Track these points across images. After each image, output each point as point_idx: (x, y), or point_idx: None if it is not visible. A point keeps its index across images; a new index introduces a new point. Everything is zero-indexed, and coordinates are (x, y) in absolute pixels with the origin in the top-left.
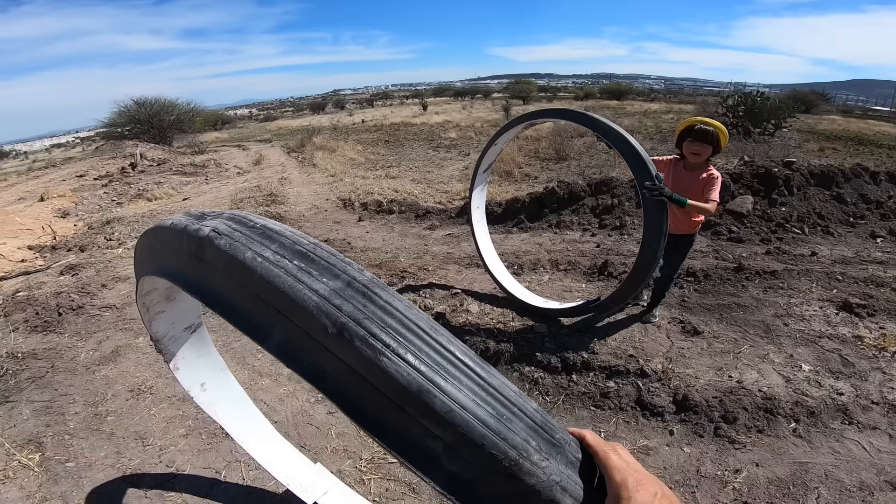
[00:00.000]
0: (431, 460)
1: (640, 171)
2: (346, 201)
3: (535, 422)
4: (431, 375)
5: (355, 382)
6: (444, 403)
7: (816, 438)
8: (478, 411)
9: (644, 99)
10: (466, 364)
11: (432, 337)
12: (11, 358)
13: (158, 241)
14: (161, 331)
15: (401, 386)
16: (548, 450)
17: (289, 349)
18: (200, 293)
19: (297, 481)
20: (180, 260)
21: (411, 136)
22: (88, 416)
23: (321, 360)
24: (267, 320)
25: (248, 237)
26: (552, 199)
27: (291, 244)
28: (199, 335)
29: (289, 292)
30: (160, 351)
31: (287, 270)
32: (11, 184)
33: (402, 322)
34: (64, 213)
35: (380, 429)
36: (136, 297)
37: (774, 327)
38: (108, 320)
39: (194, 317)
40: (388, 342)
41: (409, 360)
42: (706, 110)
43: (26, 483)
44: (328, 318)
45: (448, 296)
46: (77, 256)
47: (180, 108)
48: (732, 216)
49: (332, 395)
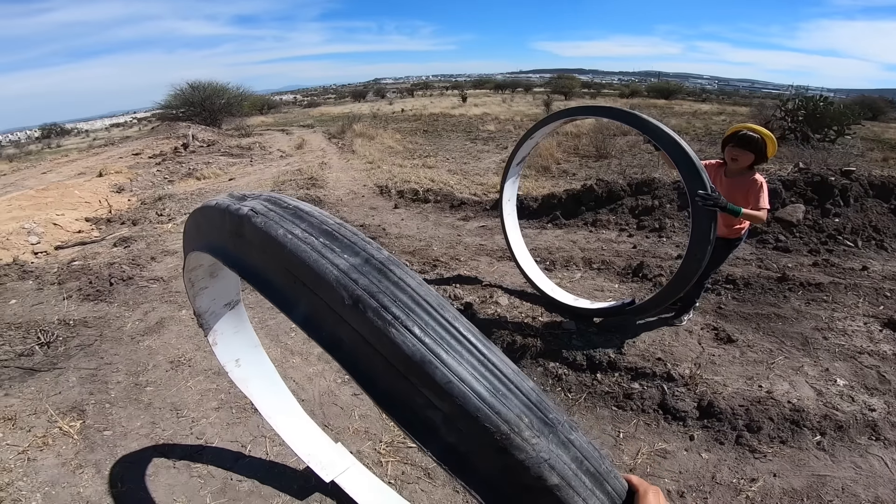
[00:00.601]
0: (431, 431)
1: (692, 179)
2: (382, 188)
3: (531, 400)
4: (434, 348)
5: (367, 352)
6: (444, 374)
7: (840, 452)
8: (475, 385)
9: (695, 99)
10: (469, 340)
11: (439, 313)
12: (63, 325)
13: (205, 219)
14: (203, 306)
15: (406, 356)
16: (540, 428)
17: (312, 320)
18: (238, 266)
19: (318, 459)
20: (222, 236)
21: (449, 127)
22: (129, 386)
23: (338, 330)
24: (294, 292)
25: (281, 216)
26: (590, 196)
27: (319, 223)
28: (238, 312)
29: (313, 266)
30: (201, 325)
31: (313, 246)
32: (72, 160)
33: (412, 297)
34: (119, 189)
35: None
36: (182, 272)
37: (813, 340)
38: (155, 292)
39: (234, 294)
40: (398, 314)
41: (416, 332)
42: (762, 113)
43: (64, 450)
44: (346, 290)
45: (478, 287)
46: (130, 230)
47: (230, 92)
48: (781, 225)
49: (346, 364)
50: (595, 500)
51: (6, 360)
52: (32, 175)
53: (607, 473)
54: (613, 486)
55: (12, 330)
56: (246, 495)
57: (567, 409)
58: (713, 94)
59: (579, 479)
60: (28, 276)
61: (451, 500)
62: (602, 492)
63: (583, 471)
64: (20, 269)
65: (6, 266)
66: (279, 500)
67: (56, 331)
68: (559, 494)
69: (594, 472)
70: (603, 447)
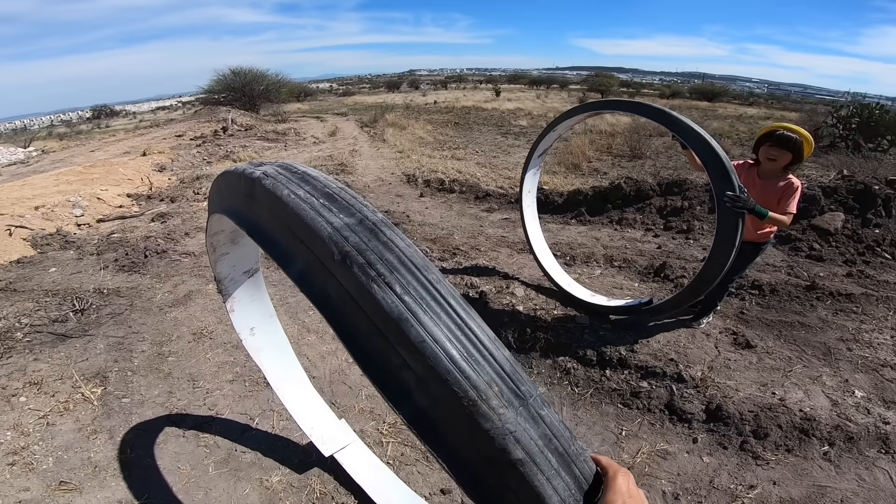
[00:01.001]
0: (405, 393)
1: (720, 179)
2: (410, 177)
3: (504, 370)
4: (413, 306)
5: (351, 308)
6: (419, 333)
7: (845, 464)
8: (448, 347)
9: (741, 102)
10: (449, 303)
11: (423, 274)
12: (97, 293)
13: (225, 183)
14: (223, 272)
15: (385, 312)
16: (509, 398)
17: (305, 275)
18: (248, 226)
19: (320, 433)
20: (238, 198)
21: (481, 121)
22: (152, 355)
23: (328, 286)
24: (292, 249)
25: (288, 179)
26: (617, 194)
27: (322, 186)
28: (255, 281)
29: (310, 223)
30: (220, 291)
31: (312, 206)
32: (119, 139)
33: (398, 257)
34: (161, 168)
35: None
36: (206, 235)
37: (836, 350)
38: (186, 266)
39: (253, 262)
40: (382, 272)
41: (396, 290)
42: (813, 119)
43: (82, 416)
44: (336, 246)
45: (495, 277)
46: (167, 206)
47: (269, 78)
48: (817, 232)
49: (332, 320)
50: (560, 480)
51: (40, 325)
52: (81, 153)
53: (576, 455)
54: (581, 469)
55: (49, 297)
56: (247, 466)
57: (572, 404)
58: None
59: (545, 457)
60: (69, 246)
61: (446, 483)
62: (568, 473)
63: (550, 449)
64: (63, 239)
65: (49, 236)
66: (279, 473)
67: (90, 299)
68: (522, 470)
69: (562, 452)
70: (604, 444)
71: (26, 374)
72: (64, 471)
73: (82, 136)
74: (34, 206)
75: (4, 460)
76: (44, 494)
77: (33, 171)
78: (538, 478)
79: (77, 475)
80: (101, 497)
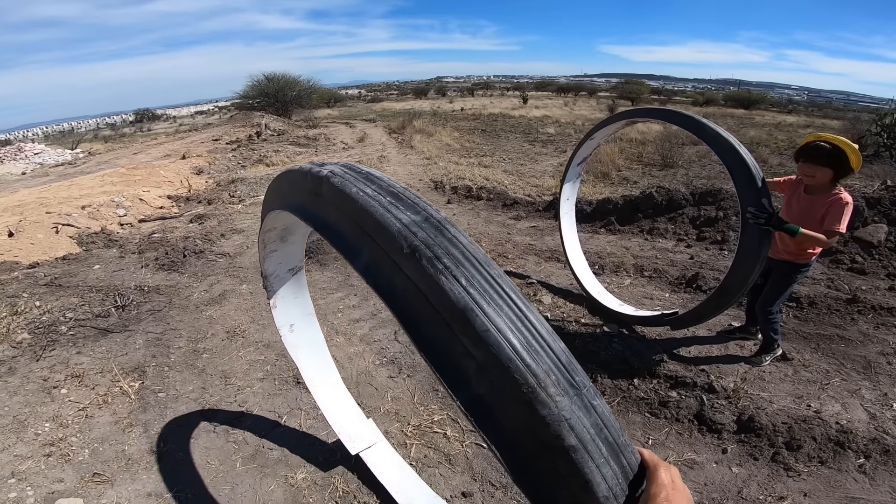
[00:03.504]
0: (463, 380)
1: (746, 189)
2: (437, 183)
3: (560, 360)
4: (477, 298)
5: (417, 299)
6: (483, 323)
7: (881, 477)
8: (510, 336)
9: (779, 110)
10: (510, 296)
11: (486, 269)
12: (138, 290)
13: (287, 181)
14: (270, 268)
15: (451, 303)
16: (565, 387)
17: (371, 267)
18: (313, 220)
19: (348, 431)
20: (301, 195)
21: (508, 128)
22: (188, 352)
23: (395, 278)
24: (359, 242)
25: (355, 178)
26: (648, 203)
27: (387, 186)
28: (299, 279)
29: (379, 219)
30: (266, 287)
31: (380, 203)
32: (160, 143)
33: (462, 253)
34: (199, 171)
35: (429, 344)
36: (259, 233)
37: (876, 364)
38: (222, 266)
39: (298, 260)
40: (449, 265)
41: (462, 282)
42: (856, 127)
43: (119, 409)
44: (405, 240)
45: (523, 284)
46: (205, 208)
47: (301, 84)
48: (860, 245)
49: (396, 309)
50: (609, 469)
51: (84, 319)
52: (125, 155)
53: (624, 446)
54: (628, 460)
55: (93, 292)
56: (274, 463)
57: None
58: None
59: (596, 446)
60: (113, 245)
61: (468, 486)
62: (616, 463)
63: (601, 438)
64: (106, 238)
65: (94, 234)
66: (304, 470)
67: (132, 295)
68: (574, 457)
69: (612, 442)
70: None
71: (69, 366)
72: (98, 462)
73: (126, 138)
74: (81, 206)
75: (41, 451)
76: (77, 486)
77: (80, 171)
78: (588, 465)
79: (110, 467)
80: (131, 490)
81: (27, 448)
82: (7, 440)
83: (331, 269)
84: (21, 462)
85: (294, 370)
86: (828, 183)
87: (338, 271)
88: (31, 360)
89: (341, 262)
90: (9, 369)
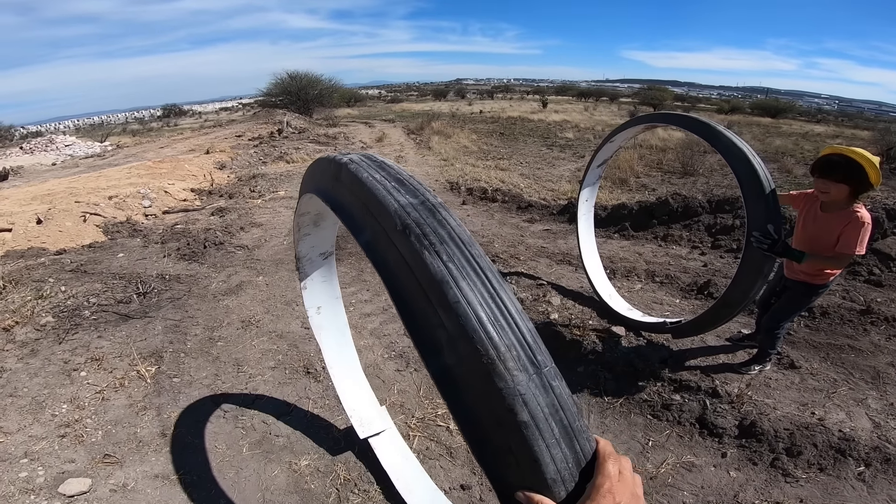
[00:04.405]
0: (436, 350)
1: (755, 202)
2: (453, 184)
3: (525, 338)
4: (454, 272)
5: (404, 272)
6: (455, 294)
7: (879, 485)
8: (478, 309)
9: (808, 119)
10: (486, 275)
11: (468, 248)
12: (160, 279)
13: (319, 167)
14: (303, 251)
15: (430, 275)
16: (525, 364)
17: (371, 243)
18: (332, 202)
19: (360, 416)
20: (327, 180)
21: (527, 132)
22: (204, 339)
23: (388, 252)
24: (364, 221)
25: (369, 165)
26: (663, 210)
27: (395, 173)
28: (329, 264)
29: (381, 200)
30: (298, 269)
31: (385, 187)
32: (185, 137)
33: (449, 233)
34: (221, 166)
35: (410, 314)
36: (294, 215)
37: (885, 375)
38: (240, 258)
39: (329, 245)
40: (434, 242)
41: (443, 257)
42: (885, 139)
43: (134, 392)
44: (399, 218)
45: (533, 285)
46: (226, 202)
47: (323, 83)
48: (878, 257)
49: (387, 281)
50: (559, 451)
51: (107, 305)
52: (151, 149)
53: (580, 431)
54: (582, 446)
55: (116, 279)
56: (279, 449)
57: (601, 412)
58: (831, 115)
59: (548, 425)
60: (137, 235)
61: (467, 479)
62: (569, 446)
63: (555, 419)
64: (131, 228)
65: (120, 224)
66: (308, 457)
67: (153, 283)
68: (525, 433)
69: (566, 425)
70: (629, 453)
71: (89, 350)
72: (110, 444)
73: (153, 133)
74: (108, 196)
75: (56, 432)
76: (87, 466)
77: (108, 163)
78: (539, 443)
79: (121, 449)
80: (139, 471)
81: (43, 429)
82: (24, 421)
83: (345, 264)
84: (35, 442)
85: (304, 360)
86: (844, 200)
87: (352, 266)
88: (54, 342)
89: (356, 258)
90: (31, 351)
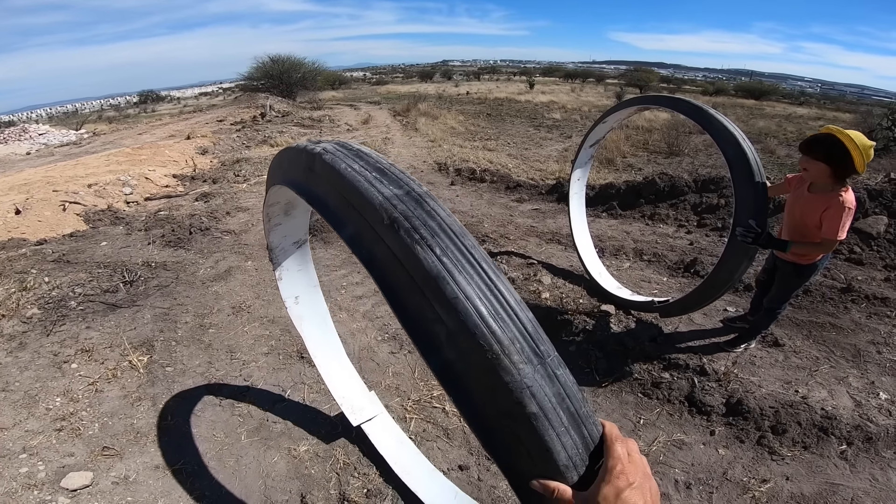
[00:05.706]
0: (436, 345)
1: (744, 186)
2: (441, 165)
3: (526, 329)
4: (450, 266)
5: (395, 267)
6: (453, 290)
7: (861, 464)
8: (478, 304)
9: (791, 101)
10: (482, 266)
11: (460, 240)
12: (146, 266)
13: (287, 158)
14: (275, 241)
15: (425, 270)
16: (529, 356)
17: (355, 237)
18: (307, 195)
19: (350, 403)
20: (298, 171)
21: (514, 113)
22: (195, 326)
23: (375, 247)
24: (346, 214)
25: (345, 154)
26: (650, 189)
27: (375, 162)
28: (303, 252)
29: (363, 192)
30: (271, 259)
31: (366, 178)
32: (164, 123)
33: (440, 224)
34: (204, 151)
35: (404, 309)
36: (263, 206)
37: (865, 353)
38: (227, 243)
39: (302, 233)
40: (425, 236)
41: (436, 251)
42: (867, 121)
43: (128, 383)
44: (385, 212)
45: (524, 265)
46: (210, 187)
47: (306, 66)
48: (859, 236)
49: (376, 276)
50: (569, 438)
51: (93, 294)
52: (129, 135)
53: (586, 417)
54: (590, 431)
55: (101, 268)
56: (277, 436)
57: (592, 391)
58: (814, 98)
59: (557, 414)
60: (119, 222)
61: (464, 460)
62: (577, 433)
63: (563, 408)
64: (113, 216)
65: (101, 212)
66: (306, 443)
67: (139, 271)
68: (535, 424)
69: (573, 412)
70: (621, 431)
71: (78, 341)
72: (108, 436)
73: (130, 119)
74: (87, 184)
75: (52, 426)
76: (87, 459)
77: (85, 151)
78: (549, 433)
79: (119, 441)
80: (139, 462)
81: (38, 423)
82: (19, 415)
83: (334, 246)
84: (32, 437)
85: (298, 345)
86: (828, 181)
87: (342, 249)
88: (42, 334)
89: None
90: (19, 344)
